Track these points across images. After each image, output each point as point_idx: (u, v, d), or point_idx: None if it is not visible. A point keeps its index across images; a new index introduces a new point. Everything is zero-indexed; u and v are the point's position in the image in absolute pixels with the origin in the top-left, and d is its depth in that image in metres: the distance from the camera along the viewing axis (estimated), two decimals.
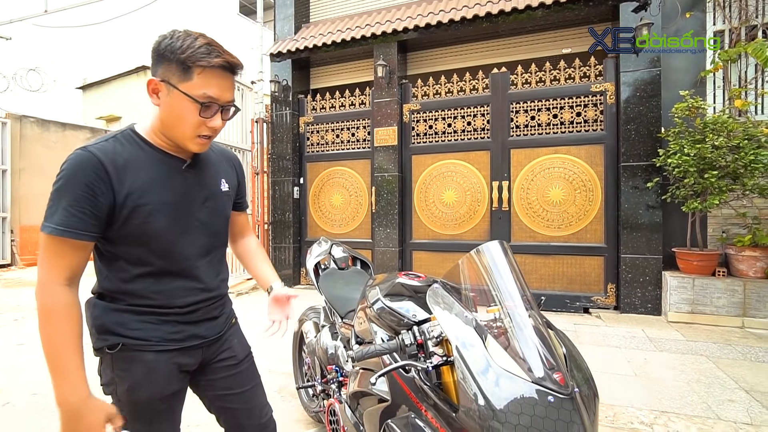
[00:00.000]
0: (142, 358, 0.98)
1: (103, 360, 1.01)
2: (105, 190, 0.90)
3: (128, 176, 0.92)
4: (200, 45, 0.89)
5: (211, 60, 0.89)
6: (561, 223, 4.64)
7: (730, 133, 3.70)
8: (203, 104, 0.91)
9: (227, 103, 0.96)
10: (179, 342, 1.02)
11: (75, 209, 0.87)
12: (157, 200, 0.95)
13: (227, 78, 0.94)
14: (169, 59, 0.90)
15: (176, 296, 1.01)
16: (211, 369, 1.12)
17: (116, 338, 0.97)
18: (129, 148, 0.95)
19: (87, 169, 0.88)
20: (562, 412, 0.84)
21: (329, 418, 1.64)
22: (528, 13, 4.60)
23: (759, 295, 3.72)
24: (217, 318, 1.11)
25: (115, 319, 0.98)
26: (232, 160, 1.20)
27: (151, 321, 0.99)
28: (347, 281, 1.97)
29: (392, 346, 1.03)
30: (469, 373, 0.90)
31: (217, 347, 1.12)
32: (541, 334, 0.98)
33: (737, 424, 2.18)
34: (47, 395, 2.69)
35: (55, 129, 9.79)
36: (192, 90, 0.90)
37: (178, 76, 0.90)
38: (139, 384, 0.99)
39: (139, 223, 0.93)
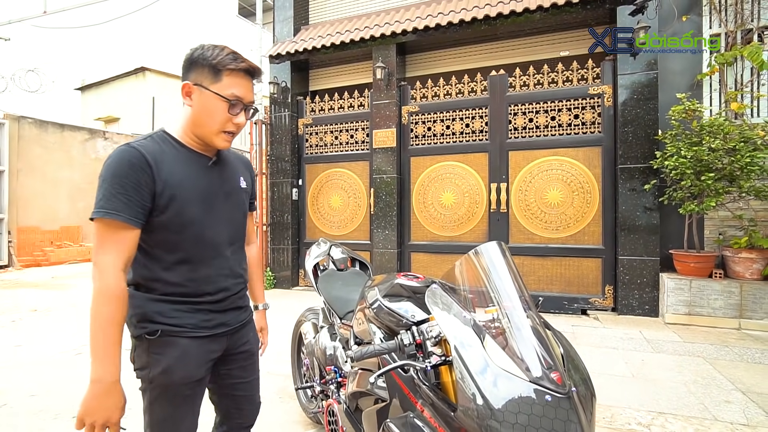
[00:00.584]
0: (177, 343, 1.09)
1: (138, 346, 1.11)
2: (148, 181, 1.01)
3: (164, 170, 1.04)
4: (227, 53, 1.06)
5: (237, 64, 1.06)
6: (559, 225, 4.66)
7: (727, 136, 3.73)
8: (231, 102, 1.06)
9: (249, 103, 1.11)
10: (209, 329, 1.14)
11: (124, 197, 0.99)
12: (190, 192, 1.08)
13: (249, 81, 1.10)
14: (201, 65, 1.06)
15: (208, 282, 1.12)
16: (231, 359, 1.24)
17: (155, 325, 1.08)
18: (163, 146, 1.08)
19: (133, 162, 1.00)
20: (559, 411, 0.84)
21: (328, 418, 1.64)
22: (526, 16, 4.63)
23: (755, 296, 3.74)
24: (241, 308, 1.24)
25: (154, 308, 1.08)
26: (246, 163, 1.34)
27: (185, 309, 1.10)
28: (346, 282, 1.97)
29: (391, 346, 1.04)
30: (468, 372, 0.90)
31: (239, 338, 1.25)
32: (539, 334, 0.98)
33: (734, 425, 2.19)
34: (45, 396, 2.69)
35: (53, 130, 9.78)
36: (221, 90, 1.05)
37: (209, 79, 1.05)
38: (173, 366, 1.08)
39: (175, 212, 1.05)
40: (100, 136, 10.82)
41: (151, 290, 1.08)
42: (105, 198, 0.99)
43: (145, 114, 12.60)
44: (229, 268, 1.17)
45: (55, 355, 3.47)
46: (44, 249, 9.11)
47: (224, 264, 1.16)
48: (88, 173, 10.41)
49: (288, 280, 6.02)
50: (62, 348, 3.65)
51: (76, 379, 2.96)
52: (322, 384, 1.80)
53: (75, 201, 10.10)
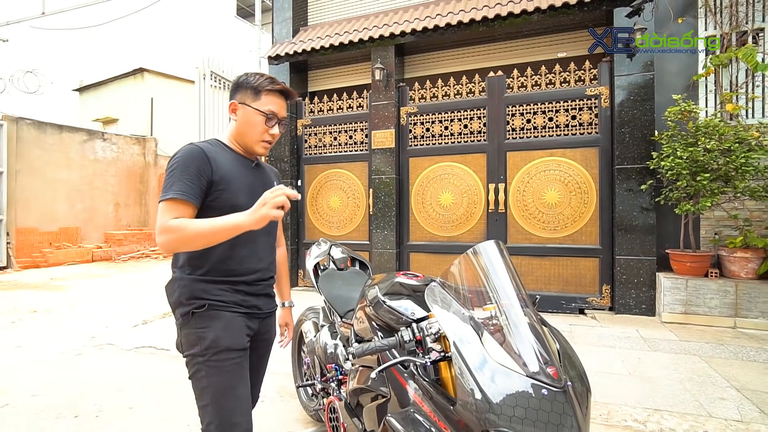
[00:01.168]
0: (222, 316, 1.29)
1: (185, 326, 1.29)
2: (207, 172, 1.25)
3: (219, 165, 1.28)
4: (266, 78, 1.34)
5: (273, 86, 1.34)
6: (556, 225, 4.69)
7: (722, 137, 3.77)
8: (268, 116, 1.33)
9: (282, 119, 1.38)
10: (247, 308, 1.35)
11: (189, 182, 1.20)
12: (238, 184, 1.31)
13: (283, 101, 1.37)
14: (245, 87, 1.33)
15: (243, 262, 1.33)
16: (254, 347, 1.42)
17: (202, 301, 1.28)
18: (217, 148, 1.33)
19: (196, 156, 1.24)
20: (555, 404, 0.87)
21: (329, 415, 1.67)
22: (524, 17, 4.67)
23: (750, 295, 3.78)
24: (270, 296, 1.46)
25: (199, 287, 1.28)
26: (276, 174, 1.59)
27: (226, 289, 1.30)
28: (346, 281, 2.00)
29: (392, 342, 1.07)
30: (467, 367, 0.93)
31: (264, 326, 1.45)
32: (536, 330, 1.01)
33: (728, 421, 2.23)
34: (46, 396, 2.71)
35: (51, 131, 9.77)
36: (260, 106, 1.32)
37: (251, 98, 1.33)
38: (221, 333, 1.27)
39: (227, 198, 1.28)
40: (98, 137, 10.81)
41: (196, 270, 1.29)
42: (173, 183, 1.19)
43: (143, 115, 12.59)
44: (261, 253, 1.39)
45: (55, 356, 3.49)
46: (43, 250, 9.10)
47: (257, 248, 1.37)
48: (87, 174, 10.41)
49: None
50: (62, 348, 3.67)
51: (77, 380, 2.98)
52: (323, 382, 1.83)
53: (74, 202, 10.09)
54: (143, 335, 4.01)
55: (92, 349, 3.69)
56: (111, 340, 3.88)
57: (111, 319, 4.65)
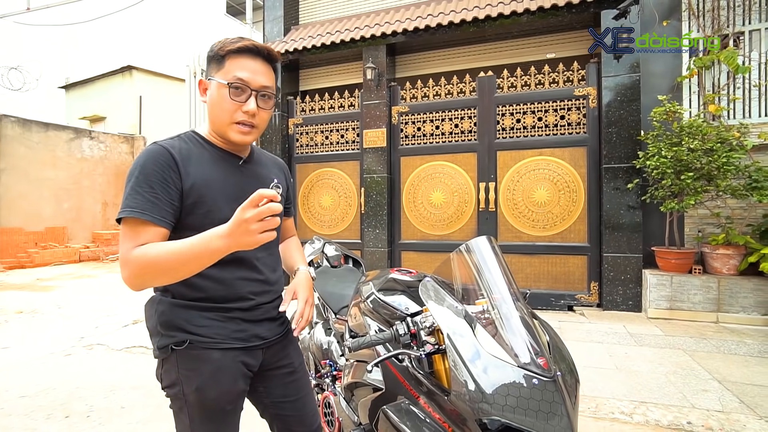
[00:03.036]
0: (209, 357, 1.01)
1: (166, 361, 1.03)
2: (175, 179, 0.96)
3: (192, 169, 0.99)
4: (233, 39, 0.99)
5: (236, 44, 0.98)
6: (546, 224, 4.77)
7: (705, 137, 3.87)
8: (231, 85, 0.97)
9: (261, 88, 1.00)
10: (243, 341, 1.05)
11: (152, 196, 0.93)
12: (219, 192, 1.01)
13: (256, 62, 1.00)
14: (210, 58, 1.02)
15: (238, 286, 1.04)
16: (269, 376, 1.15)
17: (183, 335, 1.00)
18: (191, 145, 1.03)
19: (159, 160, 0.95)
20: (545, 393, 0.91)
21: (324, 410, 1.69)
22: (513, 18, 4.73)
23: (732, 291, 3.90)
24: (276, 319, 1.15)
25: (181, 315, 1.01)
26: (281, 166, 1.27)
27: (216, 318, 1.02)
28: (340, 278, 2.02)
29: (387, 336, 1.09)
30: (460, 359, 0.96)
31: (276, 352, 1.15)
32: (527, 323, 1.04)
33: (710, 411, 2.30)
34: (35, 397, 2.67)
35: (37, 129, 9.59)
36: (224, 76, 0.98)
37: (215, 68, 1.00)
38: (207, 383, 1.00)
39: (203, 212, 0.99)
40: (85, 135, 10.64)
41: (178, 295, 1.02)
42: (130, 196, 0.92)
43: (131, 113, 12.42)
44: (262, 273, 1.09)
45: (44, 357, 3.44)
46: (28, 250, 8.93)
47: (255, 267, 1.08)
48: (74, 173, 10.23)
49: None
50: (51, 349, 3.62)
51: (67, 380, 2.95)
52: (317, 378, 1.85)
53: (60, 201, 9.91)
54: (133, 335, 3.98)
55: (82, 349, 3.65)
56: (101, 341, 3.84)
57: (100, 319, 4.60)
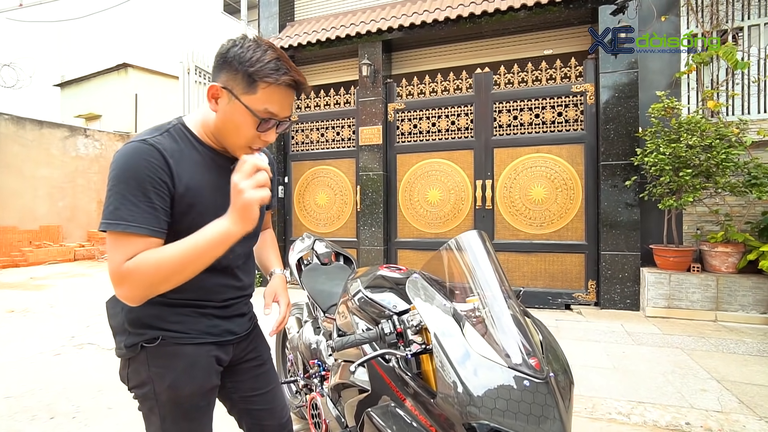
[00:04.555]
0: (183, 352, 0.98)
1: (133, 360, 0.98)
2: (169, 183, 0.88)
3: (184, 173, 0.92)
4: (269, 60, 0.88)
5: (279, 77, 0.88)
6: (543, 221, 4.72)
7: (703, 133, 3.83)
8: (262, 120, 0.90)
9: (284, 119, 0.95)
10: (215, 336, 1.03)
11: (147, 204, 0.84)
12: (209, 201, 0.95)
13: (290, 96, 0.94)
14: (235, 69, 0.88)
15: (215, 292, 1.02)
16: (238, 370, 1.13)
17: (155, 332, 0.96)
18: (182, 144, 0.95)
19: (152, 162, 0.86)
20: (537, 395, 0.86)
21: (311, 412, 1.64)
22: (510, 14, 4.68)
23: (730, 289, 3.86)
24: (245, 314, 1.14)
25: (151, 312, 0.96)
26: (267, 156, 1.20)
27: (188, 314, 0.99)
28: (330, 276, 1.97)
29: (372, 335, 1.04)
30: (447, 359, 0.91)
31: (245, 346, 1.14)
32: (519, 322, 0.99)
33: (708, 411, 2.26)
34: (21, 398, 2.62)
35: (31, 127, 9.50)
36: (254, 104, 0.89)
37: (242, 87, 0.89)
38: (181, 379, 0.97)
39: (191, 221, 0.91)
40: (80, 133, 10.55)
41: None
42: (123, 205, 0.82)
43: (127, 111, 12.33)
44: (240, 280, 1.08)
45: (33, 356, 3.38)
46: (22, 249, 8.85)
47: (236, 275, 1.07)
48: (69, 172, 10.15)
49: None
50: (41, 349, 3.56)
51: (55, 380, 2.90)
52: (305, 378, 1.80)
53: (55, 200, 9.83)
54: None
55: (72, 348, 3.59)
56: (91, 340, 3.78)
57: (92, 318, 4.54)
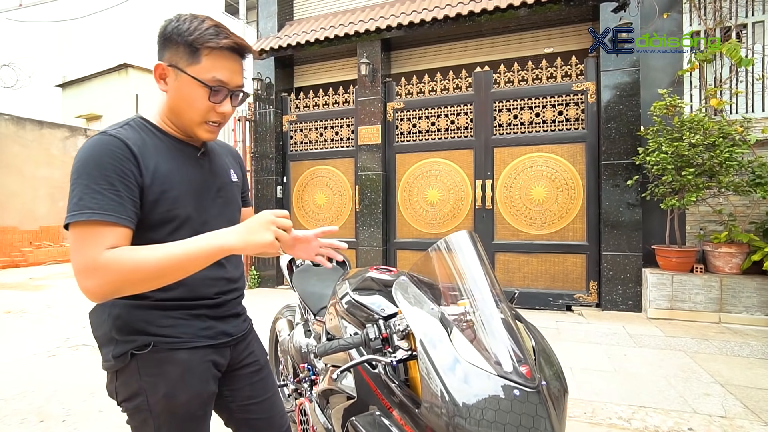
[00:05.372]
0: (176, 358, 0.92)
1: (122, 372, 0.92)
2: (135, 173, 0.85)
3: (151, 161, 0.88)
4: (207, 27, 0.87)
5: (219, 41, 0.86)
6: (544, 222, 4.66)
7: (706, 132, 3.76)
8: (212, 88, 0.88)
9: (237, 88, 0.92)
10: (210, 339, 0.98)
11: (113, 192, 0.80)
12: (180, 187, 0.92)
13: (236, 61, 0.91)
14: (176, 42, 0.87)
15: (204, 285, 0.97)
16: (235, 376, 1.08)
17: (145, 338, 0.90)
18: (143, 134, 0.91)
19: (116, 152, 0.83)
20: (527, 405, 0.81)
21: (300, 417, 1.59)
22: (510, 12, 4.63)
23: (734, 290, 3.79)
24: (240, 315, 1.10)
25: (140, 316, 0.91)
26: (234, 154, 1.18)
27: (180, 317, 0.94)
28: (321, 278, 1.92)
29: (357, 340, 0.99)
30: (433, 367, 0.86)
31: (241, 350, 1.09)
32: (510, 326, 0.94)
33: (712, 417, 2.20)
34: (12, 401, 2.58)
35: (31, 127, 9.52)
36: (200, 74, 0.87)
37: (185, 59, 0.87)
38: (176, 386, 0.91)
39: (165, 210, 0.89)
40: (81, 133, 10.56)
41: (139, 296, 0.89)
42: (86, 195, 0.79)
43: (128, 111, 12.34)
44: (227, 270, 1.04)
45: (27, 358, 3.35)
46: (22, 249, 8.85)
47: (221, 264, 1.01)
48: (69, 172, 10.12)
49: (273, 279, 5.93)
50: (35, 350, 3.53)
51: (48, 382, 2.86)
52: (295, 382, 1.75)
53: (55, 200, 9.84)
54: None
55: (67, 350, 3.56)
56: (87, 341, 3.75)
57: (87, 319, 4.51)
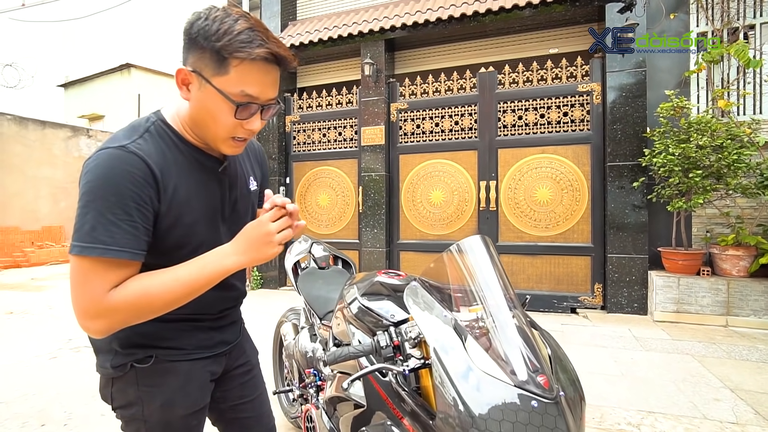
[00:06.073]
0: (178, 369, 0.90)
1: (119, 379, 0.88)
2: (154, 199, 0.77)
3: (170, 183, 0.80)
4: (240, 30, 0.72)
5: (252, 51, 0.72)
6: (548, 223, 4.63)
7: (714, 133, 3.73)
8: (240, 105, 0.76)
9: (269, 102, 0.80)
10: (209, 349, 0.96)
11: (129, 224, 0.73)
12: (199, 210, 0.85)
13: (270, 72, 0.77)
14: (202, 47, 0.74)
15: (211, 305, 0.94)
16: (227, 378, 1.06)
17: (147, 350, 0.87)
18: (164, 147, 0.82)
19: (134, 173, 0.73)
20: (546, 418, 0.78)
21: (306, 424, 1.56)
22: (515, 12, 4.60)
23: (742, 293, 3.75)
24: (236, 321, 1.07)
25: (142, 330, 0.85)
26: (257, 154, 1.09)
27: (183, 329, 0.91)
28: (327, 281, 1.89)
29: (367, 348, 0.97)
30: (447, 376, 0.83)
31: (236, 353, 1.08)
32: (525, 334, 0.92)
33: (723, 423, 2.17)
34: (13, 404, 2.56)
35: (34, 127, 9.52)
36: (227, 87, 0.75)
37: (212, 68, 0.74)
38: (174, 398, 0.90)
39: (181, 234, 0.83)
40: (83, 134, 10.57)
41: None
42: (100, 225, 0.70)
43: (130, 111, 12.35)
44: (236, 289, 1.01)
45: (28, 360, 3.33)
46: (24, 250, 8.85)
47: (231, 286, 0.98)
48: (71, 172, 10.16)
49: (275, 280, 5.91)
50: (37, 352, 3.51)
51: (49, 385, 2.84)
52: (301, 388, 1.72)
53: (57, 200, 9.84)
54: None
55: (68, 351, 3.54)
56: (89, 343, 3.72)
57: None
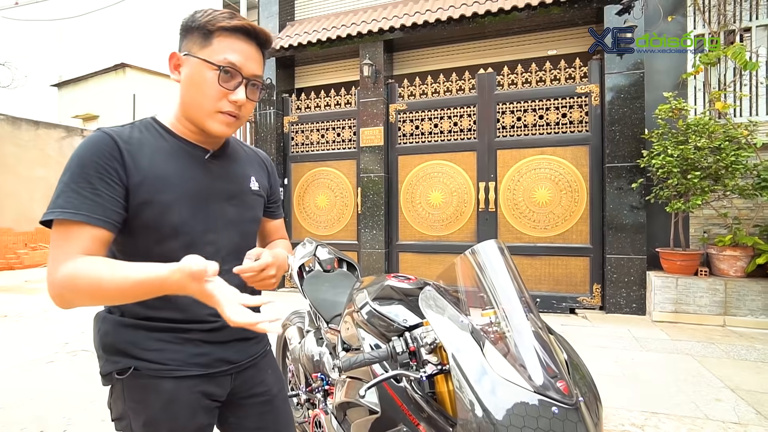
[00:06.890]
0: (159, 387, 0.85)
1: (113, 389, 0.89)
2: (120, 173, 0.80)
3: (143, 161, 0.83)
4: (222, 12, 0.86)
5: (231, 21, 0.84)
6: (547, 224, 4.64)
7: (712, 135, 3.76)
8: (222, 68, 0.83)
9: (252, 77, 0.86)
10: (203, 367, 0.89)
11: (89, 191, 0.76)
12: (176, 191, 0.85)
13: (250, 46, 0.87)
14: (191, 30, 0.86)
15: (195, 308, 0.85)
16: (241, 404, 0.99)
17: (128, 361, 0.85)
18: (147, 134, 0.87)
19: (102, 149, 0.79)
20: (567, 424, 0.78)
21: (314, 430, 1.55)
22: (514, 14, 4.61)
23: (739, 293, 3.78)
24: (248, 340, 0.98)
25: (126, 337, 0.85)
26: (263, 162, 1.10)
27: (169, 340, 0.86)
28: (333, 284, 1.88)
29: (382, 354, 0.96)
30: (467, 382, 0.83)
31: (250, 377, 0.99)
32: (542, 339, 0.91)
33: (725, 423, 2.18)
34: (10, 409, 2.52)
35: (27, 127, 9.41)
36: (211, 55, 0.83)
37: (199, 44, 0.84)
38: (157, 417, 0.85)
39: (156, 213, 0.83)
40: (77, 134, 10.47)
41: (128, 312, 0.86)
42: (63, 194, 0.75)
43: (125, 111, 12.24)
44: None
45: (24, 364, 3.28)
46: (18, 251, 8.74)
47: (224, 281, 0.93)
48: None
49: None
50: (33, 356, 3.46)
51: (47, 390, 2.80)
52: (307, 392, 1.71)
53: None
54: None
55: (65, 356, 3.49)
56: (86, 346, 3.68)
57: (87, 323, 4.44)
